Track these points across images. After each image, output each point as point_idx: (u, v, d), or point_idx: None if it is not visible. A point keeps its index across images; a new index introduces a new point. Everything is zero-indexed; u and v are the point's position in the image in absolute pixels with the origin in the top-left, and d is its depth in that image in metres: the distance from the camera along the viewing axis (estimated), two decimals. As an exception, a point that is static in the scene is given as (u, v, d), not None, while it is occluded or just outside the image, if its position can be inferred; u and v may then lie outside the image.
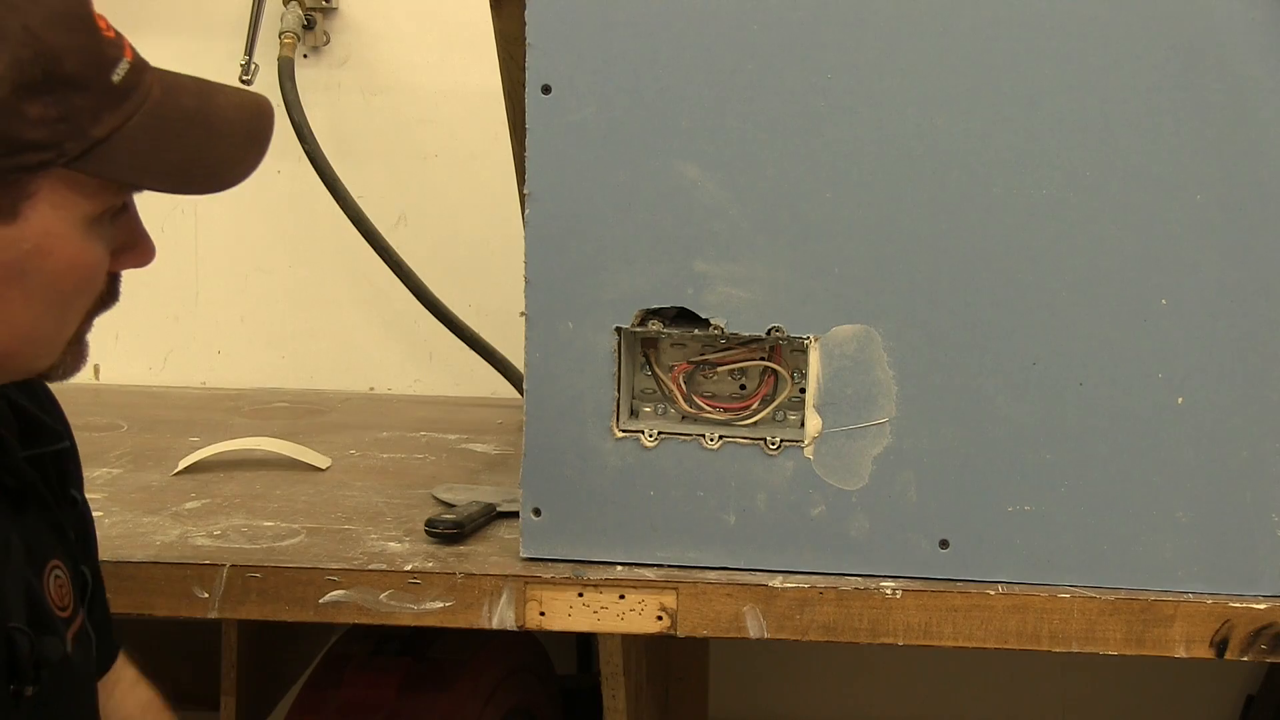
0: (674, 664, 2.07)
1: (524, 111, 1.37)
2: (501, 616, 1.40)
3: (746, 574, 1.41)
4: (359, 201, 2.13)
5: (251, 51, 2.21)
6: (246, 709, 1.73)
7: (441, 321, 2.14)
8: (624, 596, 1.40)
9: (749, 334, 1.39)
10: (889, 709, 2.47)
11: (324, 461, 1.82)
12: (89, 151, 0.96)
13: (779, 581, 1.39)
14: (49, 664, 1.06)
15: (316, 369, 2.37)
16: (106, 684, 1.26)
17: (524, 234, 1.39)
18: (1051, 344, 1.36)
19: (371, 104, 2.31)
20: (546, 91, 1.36)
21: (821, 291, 1.37)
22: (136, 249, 1.07)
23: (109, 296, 1.07)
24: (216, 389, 2.35)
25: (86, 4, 0.97)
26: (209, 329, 2.39)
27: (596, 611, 1.40)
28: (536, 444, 1.42)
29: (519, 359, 1.44)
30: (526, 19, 1.35)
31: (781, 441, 1.40)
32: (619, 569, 1.41)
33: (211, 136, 1.03)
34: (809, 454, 1.39)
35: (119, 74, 0.97)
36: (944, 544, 1.39)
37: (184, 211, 2.33)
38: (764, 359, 1.42)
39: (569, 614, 1.40)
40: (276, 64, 2.17)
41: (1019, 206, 1.34)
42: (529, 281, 1.39)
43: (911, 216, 1.35)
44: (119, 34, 1.00)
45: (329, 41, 2.30)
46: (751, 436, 1.41)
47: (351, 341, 2.37)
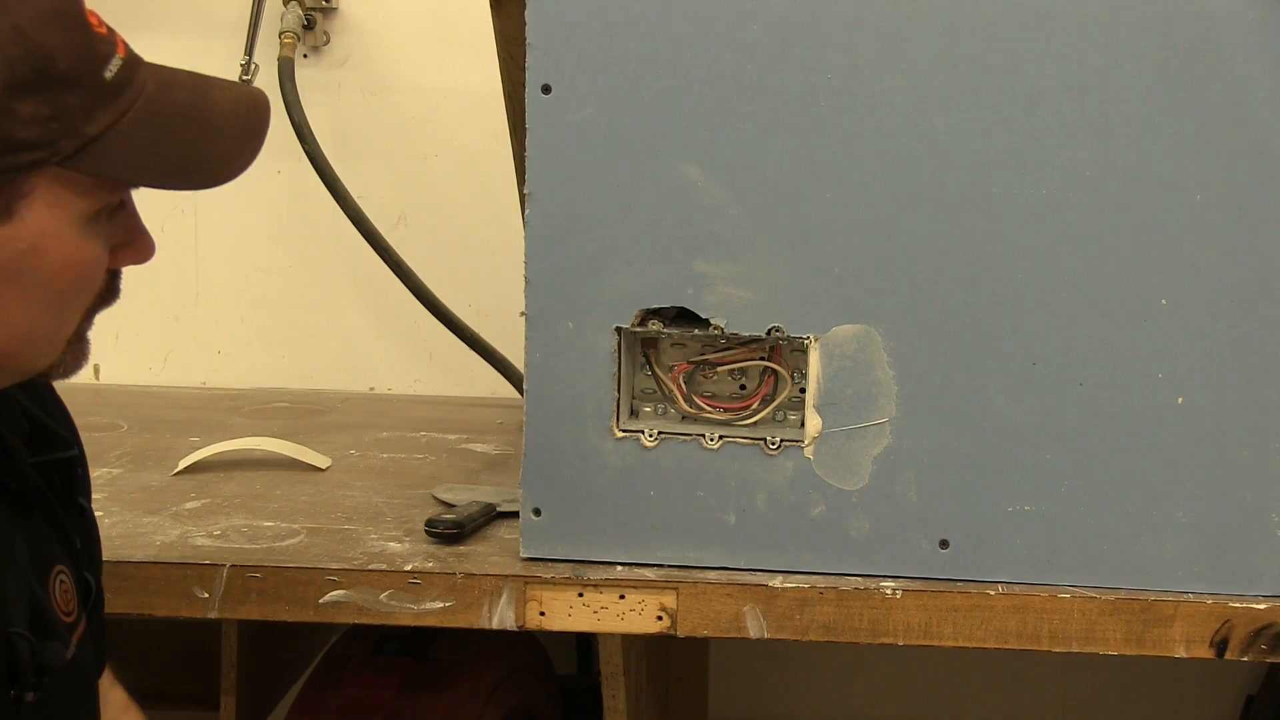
0: (674, 664, 2.07)
1: (524, 111, 1.37)
2: (501, 616, 1.40)
3: (746, 574, 1.41)
4: (359, 201, 2.12)
5: (251, 51, 2.21)
6: (246, 709, 1.73)
7: (441, 321, 2.14)
8: (624, 596, 1.40)
9: (749, 334, 1.39)
10: (889, 709, 2.47)
11: (324, 461, 1.82)
12: (83, 149, 0.96)
13: (779, 581, 1.39)
14: (51, 670, 1.05)
15: (316, 369, 2.37)
16: None
17: (524, 234, 1.39)
18: (1051, 344, 1.36)
19: (371, 104, 2.31)
20: (546, 91, 1.36)
21: (821, 291, 1.37)
22: (135, 245, 1.06)
23: (109, 294, 1.06)
24: (216, 389, 2.35)
25: (78, 1, 0.96)
26: (209, 329, 2.38)
27: (596, 611, 1.40)
28: (536, 444, 1.42)
29: (519, 359, 1.44)
30: (526, 19, 1.35)
31: (781, 441, 1.40)
32: (619, 569, 1.41)
33: (207, 132, 1.02)
34: (809, 454, 1.39)
35: (111, 71, 0.97)
36: (944, 544, 1.39)
37: (184, 211, 2.33)
38: (764, 359, 1.42)
39: (569, 614, 1.40)
40: (276, 64, 2.17)
41: (1019, 206, 1.34)
42: (529, 281, 1.39)
43: (911, 217, 1.35)
44: (111, 30, 0.99)
45: (329, 41, 2.30)
46: (751, 436, 1.41)
47: (351, 341, 2.37)
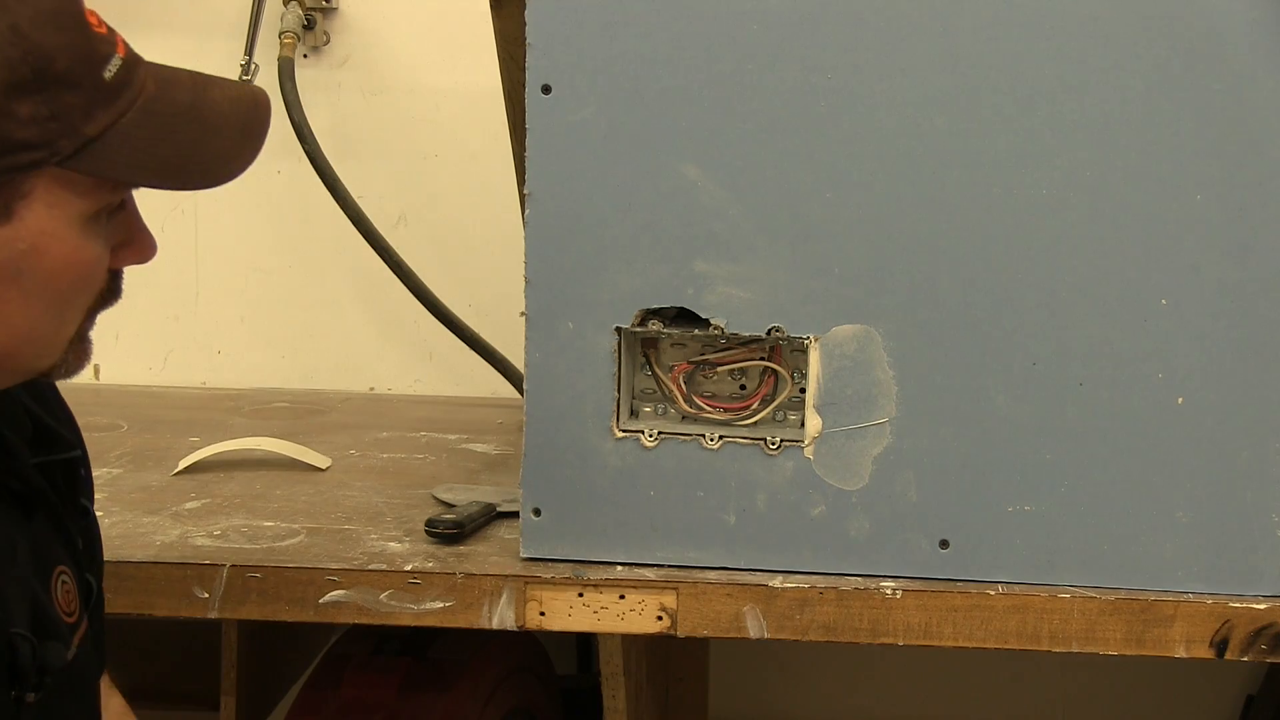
0: (674, 664, 2.07)
1: (524, 111, 1.37)
2: (501, 616, 1.40)
3: (746, 574, 1.41)
4: (359, 201, 2.12)
5: (251, 51, 2.21)
6: (246, 709, 1.73)
7: (441, 321, 2.14)
8: (624, 596, 1.40)
9: (749, 334, 1.39)
10: (889, 709, 2.47)
11: (324, 461, 1.82)
12: (82, 150, 0.95)
13: (779, 581, 1.39)
14: (52, 670, 1.05)
15: (316, 369, 2.37)
16: None
17: (524, 234, 1.39)
18: (1051, 344, 1.36)
19: (371, 104, 2.31)
20: (546, 91, 1.36)
21: (821, 291, 1.37)
22: (136, 245, 1.05)
23: (110, 294, 1.05)
24: (216, 389, 2.35)
25: (77, 1, 0.96)
26: (209, 329, 2.38)
27: (596, 611, 1.40)
28: (536, 444, 1.42)
29: (519, 359, 1.44)
30: (526, 19, 1.35)
31: (781, 441, 1.40)
32: (619, 569, 1.41)
33: (206, 131, 1.02)
34: (809, 454, 1.39)
35: (111, 71, 0.96)
36: (944, 544, 1.39)
37: (184, 211, 2.33)
38: (764, 359, 1.42)
39: (569, 614, 1.40)
40: (276, 64, 2.17)
41: (1019, 206, 1.34)
42: (529, 281, 1.39)
43: (911, 217, 1.35)
44: (111, 30, 0.98)
45: (329, 41, 2.30)
46: (751, 436, 1.41)
47: (351, 341, 2.37)
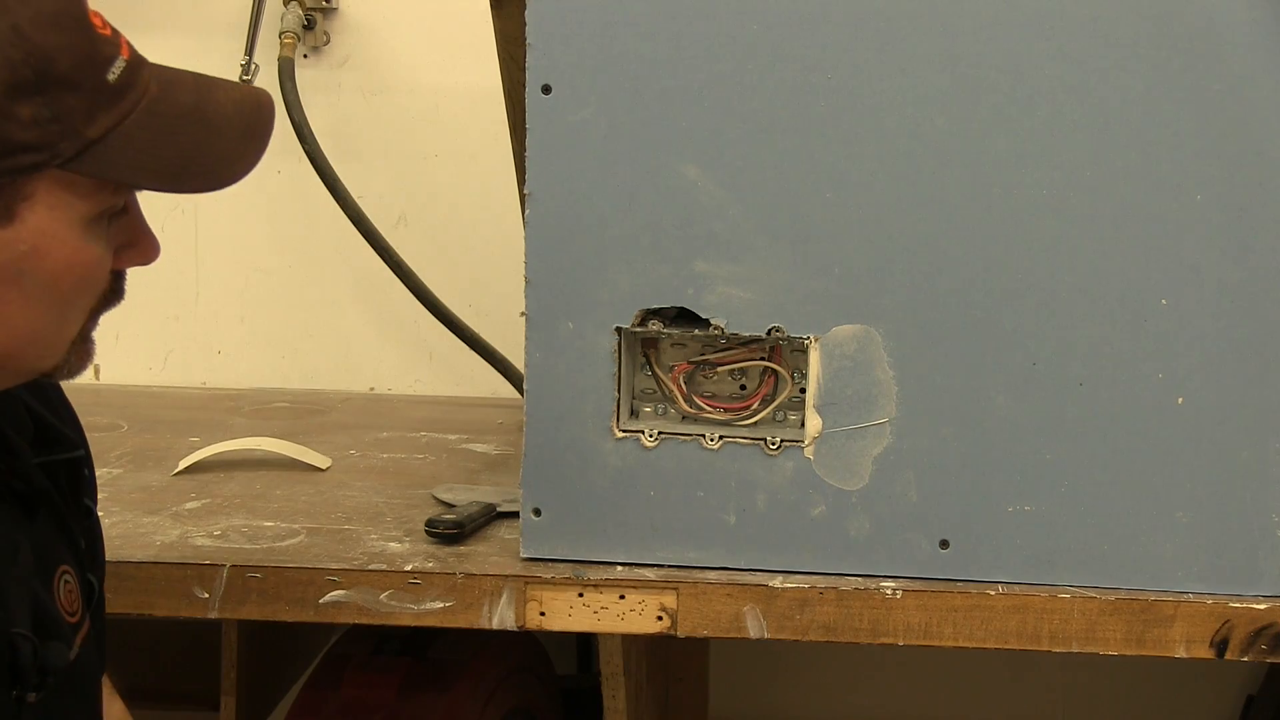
0: (674, 664, 2.07)
1: (524, 111, 1.37)
2: (501, 616, 1.40)
3: (746, 574, 1.41)
4: (359, 201, 2.12)
5: (252, 51, 2.21)
6: (246, 709, 1.73)
7: (441, 321, 2.14)
8: (624, 596, 1.40)
9: (749, 334, 1.39)
10: (889, 709, 2.47)
11: (324, 461, 1.82)
12: (84, 152, 0.95)
13: (779, 581, 1.39)
14: (53, 670, 1.05)
15: (316, 369, 2.37)
16: None
17: (524, 234, 1.39)
18: (1051, 344, 1.36)
19: (371, 104, 2.31)
20: (546, 91, 1.36)
21: (821, 291, 1.37)
22: (139, 247, 1.05)
23: (113, 295, 1.05)
24: (216, 389, 2.35)
25: (80, 3, 0.96)
26: (209, 329, 2.38)
27: (596, 612, 1.40)
28: (536, 444, 1.42)
29: (519, 359, 1.44)
30: (526, 19, 1.35)
31: (781, 441, 1.40)
32: (619, 569, 1.41)
33: (210, 133, 1.01)
34: (809, 454, 1.39)
35: (114, 73, 0.96)
36: (944, 544, 1.39)
37: (184, 211, 2.33)
38: (764, 359, 1.42)
39: (569, 614, 1.40)
40: (277, 64, 2.17)
41: (1019, 206, 1.34)
42: (529, 281, 1.39)
43: (911, 216, 1.35)
44: (115, 31, 0.98)
45: (329, 41, 2.30)
46: (751, 436, 1.41)
47: (351, 341, 2.37)
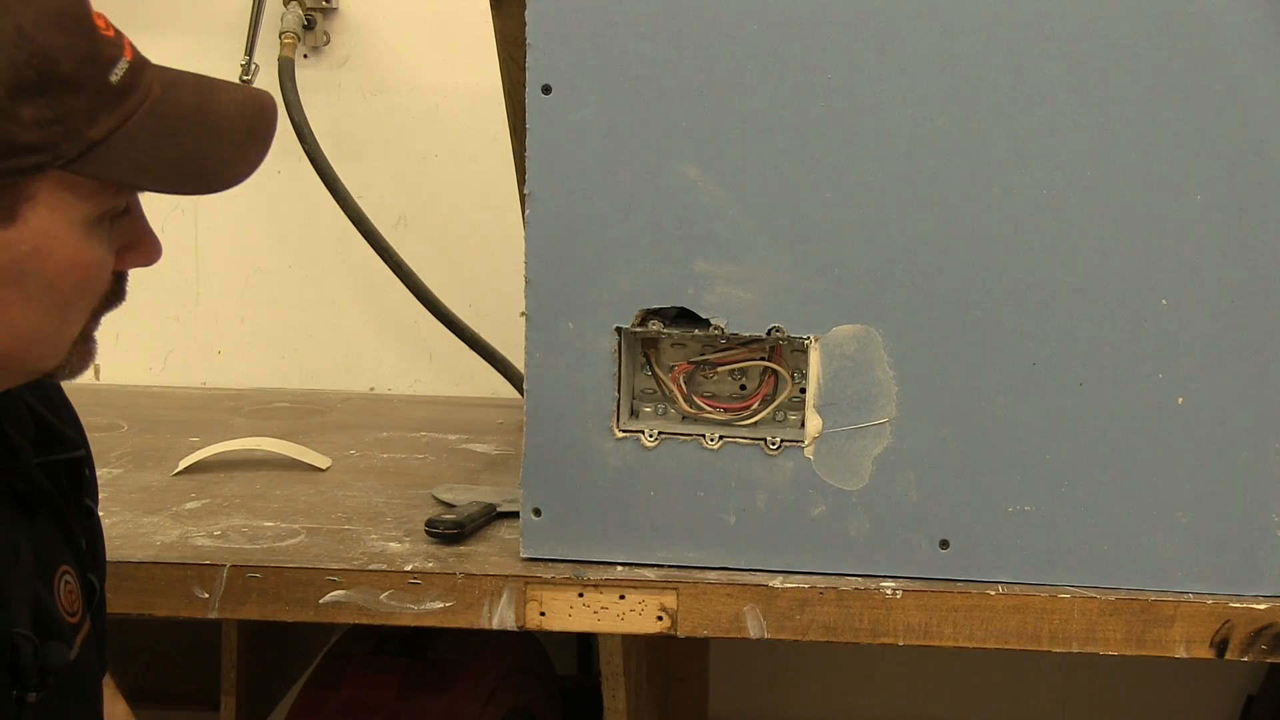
0: (674, 664, 2.07)
1: (524, 111, 1.37)
2: (501, 617, 1.40)
3: (746, 574, 1.41)
4: (359, 201, 2.12)
5: (252, 51, 2.21)
6: (246, 709, 1.73)
7: (441, 321, 2.14)
8: (624, 597, 1.40)
9: (749, 334, 1.39)
10: (889, 709, 2.47)
11: (324, 461, 1.82)
12: (86, 153, 0.95)
13: (779, 581, 1.39)
14: (54, 670, 1.05)
15: (316, 369, 2.37)
16: None
17: (524, 234, 1.39)
18: (1051, 344, 1.36)
19: (371, 104, 2.31)
20: (546, 91, 1.36)
21: (821, 291, 1.37)
22: (141, 248, 1.05)
23: (115, 295, 1.05)
24: (216, 389, 2.35)
25: (83, 4, 0.96)
26: (209, 329, 2.38)
27: (596, 612, 1.40)
28: (536, 444, 1.42)
29: (519, 359, 1.44)
30: (526, 19, 1.35)
31: (781, 441, 1.40)
32: (619, 569, 1.41)
33: (211, 135, 1.01)
34: (809, 454, 1.39)
35: (117, 74, 0.96)
36: (944, 544, 1.39)
37: (184, 211, 2.33)
38: (764, 359, 1.42)
39: (569, 614, 1.40)
40: (277, 64, 2.17)
41: (1019, 206, 1.34)
42: (529, 281, 1.39)
43: (911, 216, 1.35)
44: (119, 33, 0.98)
45: (329, 41, 2.30)
46: (752, 436, 1.41)
47: (351, 341, 2.37)
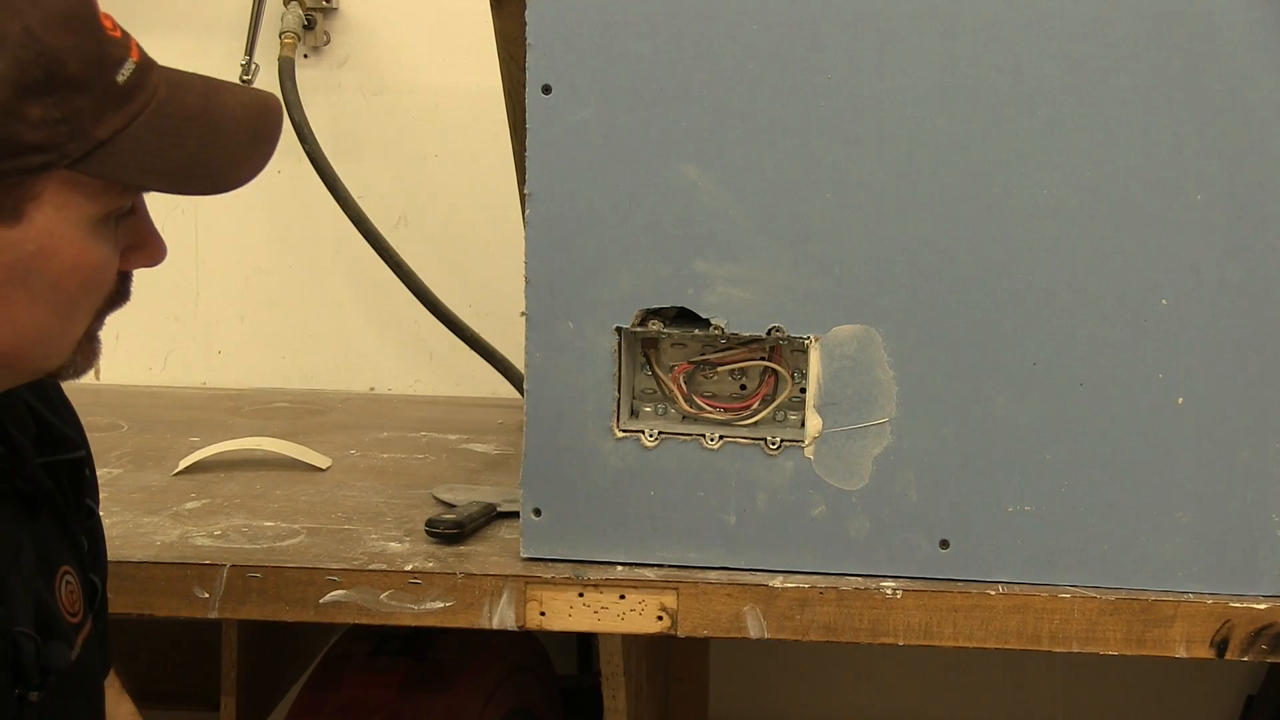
0: (674, 664, 2.07)
1: (524, 111, 1.37)
2: (502, 616, 1.40)
3: (747, 574, 1.41)
4: (359, 201, 2.13)
5: (252, 51, 2.21)
6: (246, 709, 1.73)
7: (441, 321, 2.14)
8: (624, 596, 1.40)
9: (749, 334, 1.39)
10: (889, 709, 2.47)
11: (324, 461, 1.82)
12: (91, 153, 0.95)
13: (779, 581, 1.39)
14: (55, 670, 1.05)
15: (316, 369, 2.37)
16: None
17: (524, 234, 1.39)
18: (1051, 344, 1.36)
19: (372, 104, 2.31)
20: (546, 91, 1.36)
21: (821, 291, 1.37)
22: (146, 248, 1.06)
23: (119, 296, 1.06)
24: (216, 389, 2.35)
25: (90, 5, 0.96)
26: (209, 329, 2.38)
27: (597, 611, 1.40)
28: (537, 444, 1.42)
29: (519, 359, 1.44)
30: (526, 19, 1.35)
31: (782, 441, 1.40)
32: (619, 569, 1.41)
33: (217, 136, 1.02)
34: (809, 454, 1.39)
35: (124, 75, 0.96)
36: (944, 544, 1.39)
37: (184, 211, 2.33)
38: (764, 359, 1.42)
39: (569, 614, 1.40)
40: (277, 64, 2.17)
41: (1019, 206, 1.34)
42: (529, 281, 1.39)
43: (911, 217, 1.35)
44: (126, 33, 0.98)
45: (329, 41, 2.30)
46: (752, 436, 1.41)
47: (351, 341, 2.37)
